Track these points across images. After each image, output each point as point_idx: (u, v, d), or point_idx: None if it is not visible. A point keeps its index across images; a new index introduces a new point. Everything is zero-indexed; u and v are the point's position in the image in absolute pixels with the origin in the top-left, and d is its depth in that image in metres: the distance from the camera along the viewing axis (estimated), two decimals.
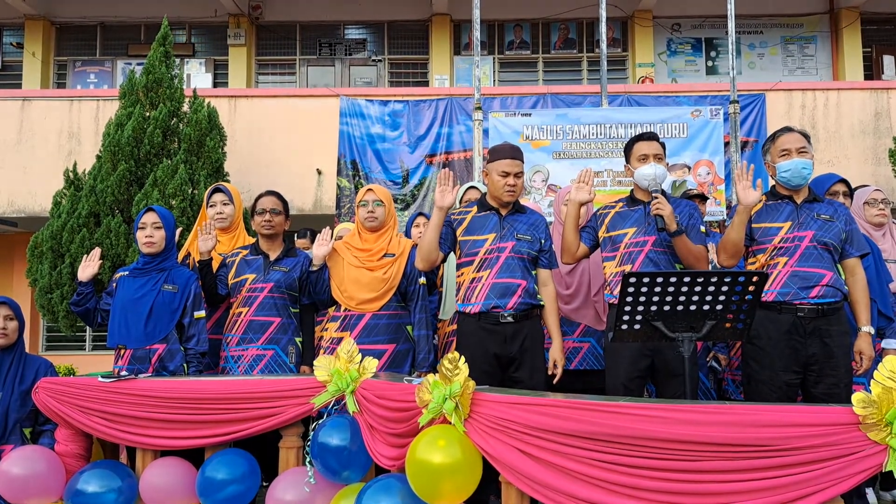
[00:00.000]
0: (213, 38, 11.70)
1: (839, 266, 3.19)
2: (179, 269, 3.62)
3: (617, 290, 3.20)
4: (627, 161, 3.42)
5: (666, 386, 3.17)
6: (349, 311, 3.63)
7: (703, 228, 3.32)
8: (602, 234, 3.42)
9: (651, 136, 3.37)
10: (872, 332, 3.11)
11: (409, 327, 3.67)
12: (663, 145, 3.38)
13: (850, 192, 3.79)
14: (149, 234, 3.52)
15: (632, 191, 3.44)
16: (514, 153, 3.35)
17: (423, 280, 3.69)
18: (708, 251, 3.31)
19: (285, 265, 3.77)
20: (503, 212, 3.38)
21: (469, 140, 8.10)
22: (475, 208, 3.43)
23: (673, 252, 3.24)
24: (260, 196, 3.87)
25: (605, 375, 3.34)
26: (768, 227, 3.18)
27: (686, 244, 3.19)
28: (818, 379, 3.05)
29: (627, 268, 3.25)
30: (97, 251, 3.69)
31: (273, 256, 3.79)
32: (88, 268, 3.60)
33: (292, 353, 3.71)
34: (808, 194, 3.23)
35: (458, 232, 3.39)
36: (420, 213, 4.52)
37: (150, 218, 3.55)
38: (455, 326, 3.65)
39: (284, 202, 3.90)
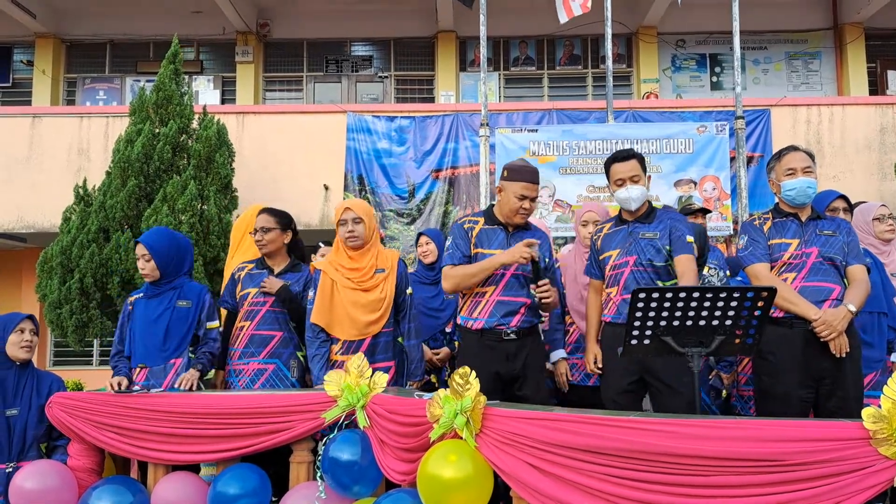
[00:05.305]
0: (221, 55, 11.81)
1: (846, 281, 3.20)
2: (190, 284, 3.66)
3: (609, 311, 3.25)
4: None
5: (660, 398, 3.13)
6: None
7: (689, 238, 3.22)
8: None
9: (624, 157, 3.30)
10: (854, 311, 3.02)
11: (399, 339, 3.60)
12: (641, 159, 3.30)
13: (850, 209, 3.80)
14: (141, 266, 3.60)
15: (620, 210, 3.40)
16: (533, 177, 3.30)
17: (410, 290, 3.63)
18: (694, 256, 3.23)
19: (288, 279, 3.73)
20: (511, 229, 3.36)
21: (475, 155, 8.14)
22: (482, 219, 3.40)
23: (656, 270, 3.20)
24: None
25: (600, 391, 3.35)
26: (780, 244, 3.19)
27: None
28: (830, 393, 3.05)
29: (613, 290, 3.24)
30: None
31: (277, 270, 3.79)
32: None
33: (294, 367, 3.70)
34: (811, 212, 3.25)
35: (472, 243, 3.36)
36: (421, 234, 4.46)
37: (139, 251, 3.61)
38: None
39: (279, 216, 3.82)
